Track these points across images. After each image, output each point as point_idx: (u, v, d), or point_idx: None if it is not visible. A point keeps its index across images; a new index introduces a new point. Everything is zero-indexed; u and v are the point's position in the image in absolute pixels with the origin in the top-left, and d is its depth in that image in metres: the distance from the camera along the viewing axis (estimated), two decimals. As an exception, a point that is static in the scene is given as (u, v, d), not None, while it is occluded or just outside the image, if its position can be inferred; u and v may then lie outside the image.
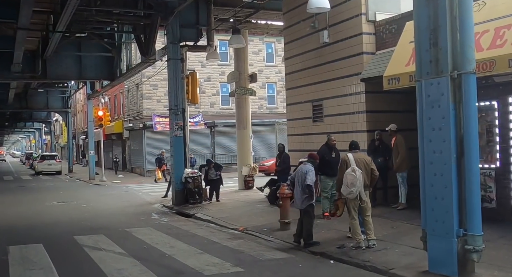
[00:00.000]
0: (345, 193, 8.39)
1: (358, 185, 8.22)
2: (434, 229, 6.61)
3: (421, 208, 6.99)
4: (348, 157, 8.58)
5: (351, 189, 8.24)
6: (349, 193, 8.30)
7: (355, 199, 8.41)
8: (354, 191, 8.25)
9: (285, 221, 10.61)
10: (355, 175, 8.21)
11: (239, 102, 20.68)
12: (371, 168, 8.62)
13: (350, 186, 8.23)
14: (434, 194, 6.61)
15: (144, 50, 19.01)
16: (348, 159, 8.54)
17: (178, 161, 16.18)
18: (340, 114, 13.91)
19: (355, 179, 8.20)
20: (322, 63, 14.56)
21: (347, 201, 8.53)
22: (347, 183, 8.27)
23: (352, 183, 8.20)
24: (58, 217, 14.35)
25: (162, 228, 11.78)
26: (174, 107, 16.14)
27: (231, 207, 14.73)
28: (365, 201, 8.46)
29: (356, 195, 8.33)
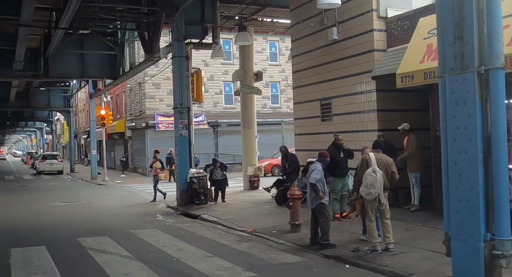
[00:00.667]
0: (363, 194, 8.06)
1: (378, 186, 7.87)
2: (459, 233, 6.27)
3: (444, 210, 6.65)
4: (370, 157, 8.23)
5: (370, 190, 7.90)
6: (368, 194, 7.96)
7: (374, 201, 8.07)
8: (373, 192, 7.91)
9: (296, 223, 10.28)
10: (375, 176, 7.87)
11: (244, 101, 20.35)
12: (392, 171, 8.26)
13: (369, 187, 7.89)
14: (459, 196, 6.27)
15: (148, 48, 18.67)
16: (370, 159, 8.19)
17: (183, 161, 15.86)
18: (350, 113, 13.58)
19: (375, 180, 7.86)
20: (331, 61, 14.22)
21: (365, 202, 8.20)
22: (366, 183, 7.93)
23: (372, 184, 7.86)
24: (60, 218, 14.04)
25: (168, 230, 11.46)
26: (179, 106, 15.81)
27: (238, 208, 14.40)
28: (383, 204, 8.12)
29: (375, 197, 7.99)
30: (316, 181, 8.77)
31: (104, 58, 24.29)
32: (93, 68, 24.20)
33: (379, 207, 8.12)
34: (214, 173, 15.65)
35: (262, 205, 14.69)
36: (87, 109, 53.77)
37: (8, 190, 24.18)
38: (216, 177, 15.62)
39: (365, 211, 8.27)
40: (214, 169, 15.66)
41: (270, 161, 28.73)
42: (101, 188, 24.83)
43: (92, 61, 24.12)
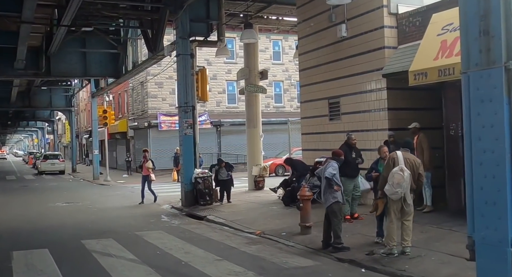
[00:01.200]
0: (388, 193, 7.73)
1: (404, 186, 7.55)
2: (485, 237, 5.93)
3: (467, 213, 6.31)
4: (397, 155, 7.89)
5: (396, 190, 7.58)
6: (394, 193, 7.63)
7: (398, 201, 7.75)
8: (399, 192, 7.59)
9: (306, 224, 9.97)
10: (402, 175, 7.54)
11: (248, 100, 20.04)
12: (419, 173, 7.90)
13: (395, 186, 7.57)
14: (485, 198, 5.94)
15: (152, 46, 18.38)
16: (397, 157, 7.84)
17: (187, 161, 15.55)
18: (359, 112, 13.27)
19: (402, 179, 7.53)
20: (339, 58, 13.93)
21: (389, 202, 7.88)
22: (392, 182, 7.60)
23: (399, 183, 7.54)
24: (63, 219, 13.74)
25: (173, 232, 11.15)
26: (183, 105, 15.51)
27: (244, 209, 14.09)
28: (409, 204, 7.80)
29: (400, 197, 7.67)
30: (332, 175, 8.48)
31: (106, 57, 24.00)
32: (95, 67, 23.90)
33: (404, 207, 7.79)
34: (219, 173, 15.35)
35: (269, 205, 14.38)
36: (89, 109, 53.49)
37: (10, 190, 23.89)
38: (222, 177, 15.33)
39: (387, 211, 7.95)
40: (219, 169, 15.37)
41: (274, 161, 28.42)
42: (104, 188, 24.54)
43: (95, 60, 23.83)
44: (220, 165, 15.44)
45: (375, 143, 12.45)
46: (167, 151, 32.64)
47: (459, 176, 11.18)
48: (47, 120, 53.81)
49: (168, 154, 32.68)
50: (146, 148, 19.44)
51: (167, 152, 32.63)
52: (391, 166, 7.76)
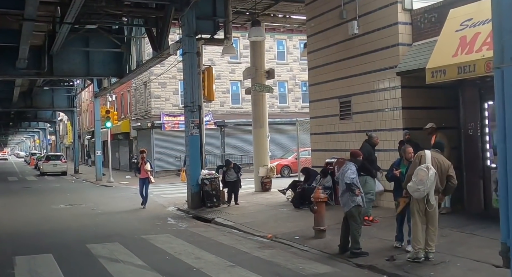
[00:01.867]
0: (410, 190, 7.33)
1: (428, 184, 7.14)
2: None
3: (501, 218, 5.91)
4: (425, 153, 7.49)
5: (419, 187, 7.17)
6: (415, 190, 7.23)
7: (421, 201, 7.35)
8: (421, 189, 7.18)
9: (320, 228, 9.57)
10: (427, 172, 7.13)
11: (255, 100, 19.65)
12: (449, 174, 7.46)
13: (418, 183, 7.16)
14: (521, 202, 5.55)
15: (156, 45, 18.01)
16: (424, 155, 7.44)
17: (194, 162, 15.16)
18: (372, 111, 12.89)
19: (426, 177, 7.11)
20: (350, 56, 13.55)
21: (411, 201, 7.49)
22: (415, 179, 7.20)
23: (421, 180, 7.12)
24: (67, 222, 13.34)
25: (182, 235, 10.76)
26: (190, 104, 15.12)
27: (253, 211, 13.70)
28: (432, 205, 7.38)
29: (423, 195, 7.27)
30: (352, 180, 8.08)
31: (109, 56, 23.64)
32: (98, 66, 23.55)
33: (428, 209, 7.38)
34: (227, 174, 14.97)
35: (278, 207, 13.98)
36: (91, 110, 53.12)
37: (12, 192, 23.52)
38: (230, 179, 14.94)
39: (411, 211, 7.55)
40: (227, 171, 14.99)
41: (279, 161, 28.00)
42: (107, 190, 24.15)
43: (98, 59, 23.46)
44: (228, 167, 15.06)
45: (388, 143, 12.08)
46: (170, 151, 32.30)
47: (477, 177, 10.81)
48: (49, 121, 53.50)
49: (171, 155, 32.35)
50: (143, 149, 18.03)
51: (170, 152, 32.29)
52: (417, 164, 7.37)
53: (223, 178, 15.07)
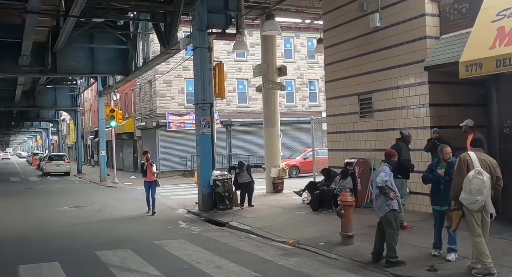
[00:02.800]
0: (466, 203, 6.53)
1: (485, 193, 6.39)
2: None
3: None
4: (470, 156, 6.72)
5: (477, 198, 6.40)
6: (473, 202, 6.46)
7: (479, 211, 6.60)
8: (479, 200, 6.41)
9: (348, 233, 8.86)
10: (482, 179, 6.37)
11: (266, 98, 18.95)
12: (497, 176, 6.69)
13: (475, 194, 6.38)
14: None
15: (165, 40, 17.29)
16: (470, 159, 6.67)
17: (205, 162, 14.45)
18: (395, 109, 12.19)
19: (483, 185, 6.35)
20: (371, 51, 12.86)
21: (468, 213, 6.66)
22: (470, 189, 6.40)
23: (479, 190, 6.36)
24: (73, 226, 12.65)
25: (196, 241, 10.06)
26: (201, 102, 14.40)
27: (269, 214, 12.99)
28: (492, 215, 6.64)
29: (480, 205, 6.53)
30: (384, 183, 7.36)
31: (115, 53, 22.95)
32: (103, 63, 22.86)
33: (486, 218, 6.64)
34: (240, 176, 14.29)
35: (295, 210, 13.28)
36: (94, 109, 52.48)
37: (14, 193, 22.83)
38: (243, 180, 14.25)
39: (467, 224, 6.77)
40: (240, 172, 14.29)
41: (288, 162, 27.15)
42: (112, 191, 23.46)
43: (103, 57, 22.79)
44: (241, 168, 14.35)
45: (414, 142, 11.33)
46: (175, 151, 31.63)
47: (514, 178, 10.08)
48: (52, 120, 52.90)
49: (177, 155, 31.66)
50: (147, 149, 16.46)
51: (175, 152, 31.61)
52: (464, 170, 6.58)
53: (236, 179, 14.39)
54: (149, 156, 14.47)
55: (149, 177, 14.33)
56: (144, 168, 14.31)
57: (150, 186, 14.31)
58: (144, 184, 14.55)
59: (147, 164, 14.25)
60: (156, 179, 14.37)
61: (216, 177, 14.27)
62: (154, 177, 14.30)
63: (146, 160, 14.31)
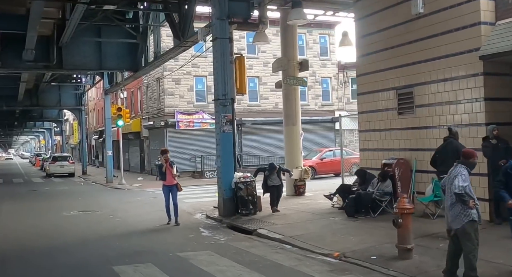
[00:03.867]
0: None
1: None
2: None
3: None
4: None
5: None
6: None
7: None
8: None
9: (407, 246, 7.62)
10: None
11: (286, 94, 17.73)
12: None
13: None
14: None
15: (179, 32, 16.12)
16: None
17: (226, 163, 13.23)
18: (441, 104, 10.97)
19: None
20: (412, 40, 11.64)
21: None
22: None
23: None
24: (83, 233, 11.42)
25: (225, 252, 8.84)
26: (221, 97, 13.19)
27: (299, 220, 11.77)
28: None
29: None
30: (463, 189, 6.13)
31: (124, 48, 21.76)
32: (111, 59, 21.66)
33: None
34: (270, 178, 13.08)
35: (327, 216, 12.05)
36: (99, 109, 51.34)
37: (17, 196, 21.63)
38: (273, 183, 13.05)
39: None
40: (270, 174, 13.07)
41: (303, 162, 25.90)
42: (120, 193, 22.28)
43: (111, 52, 21.59)
44: (272, 171, 13.11)
45: (465, 141, 10.13)
46: (184, 152, 30.43)
47: None
48: (55, 120, 51.75)
49: (186, 155, 30.46)
50: (165, 148, 14.18)
51: (184, 153, 30.42)
52: None
53: (265, 182, 13.18)
54: (168, 156, 12.54)
55: (169, 180, 12.32)
56: (163, 170, 12.29)
57: (170, 190, 12.34)
58: (163, 189, 12.50)
59: (167, 165, 12.29)
60: (177, 182, 12.45)
61: (239, 179, 13.06)
62: (175, 180, 12.35)
63: (165, 161, 12.35)
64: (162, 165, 12.20)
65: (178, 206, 12.51)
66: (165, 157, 12.39)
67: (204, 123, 30.84)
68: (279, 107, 34.04)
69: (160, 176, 12.51)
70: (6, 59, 19.92)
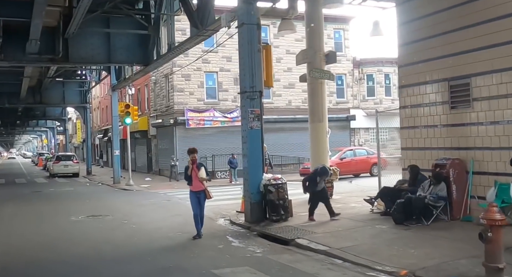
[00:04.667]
0: None
1: None
2: None
3: None
4: None
5: None
6: None
7: None
8: None
9: (498, 266, 6.25)
10: None
11: (312, 89, 16.33)
12: None
13: None
14: None
15: (197, 20, 14.78)
16: None
17: (254, 163, 11.91)
18: (507, 96, 9.57)
19: None
20: (469, 24, 10.29)
21: None
22: None
23: None
24: (97, 244, 10.04)
25: (267, 269, 7.49)
26: (249, 90, 11.85)
27: (340, 228, 10.39)
28: None
29: None
30: None
31: (134, 40, 20.38)
32: (121, 52, 20.28)
33: None
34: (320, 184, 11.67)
35: (370, 223, 10.67)
36: (103, 107, 50.01)
37: (21, 197, 20.27)
38: (321, 188, 11.63)
39: None
40: (321, 180, 11.65)
41: (328, 163, 24.62)
42: (130, 195, 20.92)
43: (120, 44, 20.21)
44: (324, 176, 11.70)
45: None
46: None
47: None
48: (58, 119, 50.48)
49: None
50: (193, 147, 10.79)
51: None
52: None
53: (314, 187, 11.71)
54: (196, 156, 10.33)
55: (195, 185, 10.24)
56: (188, 173, 10.26)
57: (199, 198, 10.28)
58: (190, 196, 10.43)
59: (193, 167, 10.19)
60: (205, 187, 10.31)
61: (268, 181, 11.70)
62: (202, 185, 10.25)
63: (192, 161, 10.24)
64: (188, 167, 10.35)
65: (204, 217, 10.62)
66: (192, 157, 10.31)
67: (215, 121, 29.49)
68: (292, 105, 32.77)
69: (186, 179, 10.59)
70: (9, 52, 18.55)
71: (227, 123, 29.81)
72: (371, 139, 35.29)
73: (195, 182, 10.28)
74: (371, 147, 30.02)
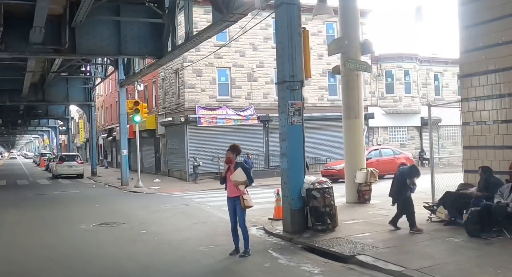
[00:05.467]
0: None
1: None
2: None
3: None
4: None
5: None
6: None
7: None
8: None
9: None
10: None
11: (347, 81, 14.79)
12: None
13: None
14: None
15: (222, 4, 13.17)
16: None
17: (295, 164, 10.30)
18: None
19: None
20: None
21: None
22: None
23: None
24: (116, 261, 8.41)
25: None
26: (288, 79, 10.26)
27: (405, 241, 8.79)
28: None
29: None
30: None
31: (146, 30, 18.74)
32: (132, 43, 18.65)
33: None
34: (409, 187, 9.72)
35: (436, 235, 9.04)
36: (107, 105, 48.42)
37: (23, 201, 18.64)
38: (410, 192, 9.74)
39: None
40: (411, 182, 9.64)
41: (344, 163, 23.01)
42: (141, 198, 19.29)
43: (131, 34, 18.59)
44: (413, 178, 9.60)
45: None
46: (207, 151, 27.49)
47: None
48: (61, 117, 48.83)
49: (208, 155, 27.50)
50: (235, 144, 8.78)
51: (207, 152, 27.47)
52: None
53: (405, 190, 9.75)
54: (231, 156, 8.50)
55: (230, 189, 8.49)
56: (222, 175, 8.66)
57: (234, 205, 8.49)
58: (227, 202, 8.66)
59: (230, 167, 8.49)
60: (241, 193, 8.32)
61: (312, 185, 10.09)
62: (238, 190, 8.33)
63: (228, 161, 8.55)
64: (226, 167, 8.58)
65: (246, 230, 8.52)
66: (228, 157, 8.57)
67: (228, 119, 27.88)
68: (308, 102, 31.14)
69: (220, 183, 8.85)
70: (11, 42, 16.97)
71: (240, 122, 28.23)
72: (390, 138, 33.73)
73: (229, 185, 8.51)
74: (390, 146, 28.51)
